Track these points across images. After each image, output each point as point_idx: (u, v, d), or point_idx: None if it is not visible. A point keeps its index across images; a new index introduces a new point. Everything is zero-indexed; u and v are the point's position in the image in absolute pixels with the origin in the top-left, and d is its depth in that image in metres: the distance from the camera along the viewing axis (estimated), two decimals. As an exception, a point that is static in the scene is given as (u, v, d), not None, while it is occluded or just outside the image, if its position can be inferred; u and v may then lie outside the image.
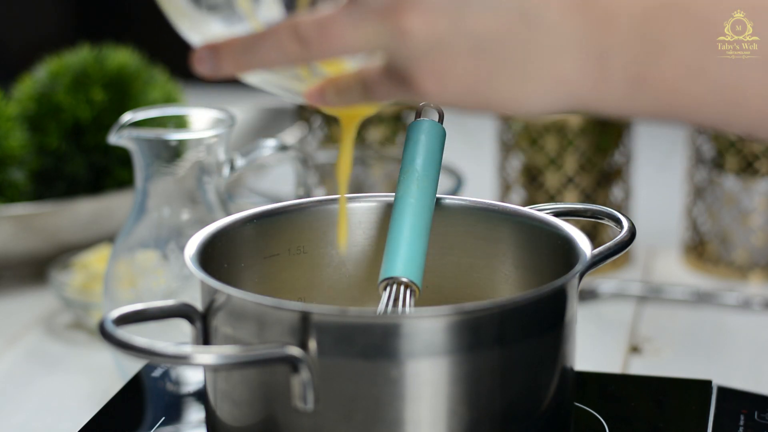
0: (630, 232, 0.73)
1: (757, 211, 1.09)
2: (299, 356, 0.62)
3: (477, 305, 0.64)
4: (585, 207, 0.77)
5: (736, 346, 0.99)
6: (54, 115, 1.16)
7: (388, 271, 0.71)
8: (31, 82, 1.18)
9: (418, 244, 0.71)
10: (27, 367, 0.97)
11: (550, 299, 0.66)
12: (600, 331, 1.02)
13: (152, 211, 0.90)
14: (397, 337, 0.62)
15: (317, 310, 0.63)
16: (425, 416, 0.64)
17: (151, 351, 0.61)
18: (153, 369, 0.83)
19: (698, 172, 1.12)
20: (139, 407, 0.80)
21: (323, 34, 0.57)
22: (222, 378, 0.67)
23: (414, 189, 0.72)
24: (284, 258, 0.76)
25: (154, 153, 0.88)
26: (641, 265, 1.16)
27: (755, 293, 1.07)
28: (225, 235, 0.73)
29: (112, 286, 0.90)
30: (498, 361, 0.64)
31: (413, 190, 0.72)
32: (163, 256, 0.90)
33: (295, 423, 0.64)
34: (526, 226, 0.74)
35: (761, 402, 0.79)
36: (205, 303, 0.68)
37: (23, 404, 0.91)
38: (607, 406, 0.78)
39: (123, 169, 1.17)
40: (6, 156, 1.13)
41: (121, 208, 1.10)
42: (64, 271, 1.06)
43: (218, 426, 0.68)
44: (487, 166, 1.26)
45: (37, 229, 1.09)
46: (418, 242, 0.71)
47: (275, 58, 0.58)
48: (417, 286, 0.71)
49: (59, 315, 1.05)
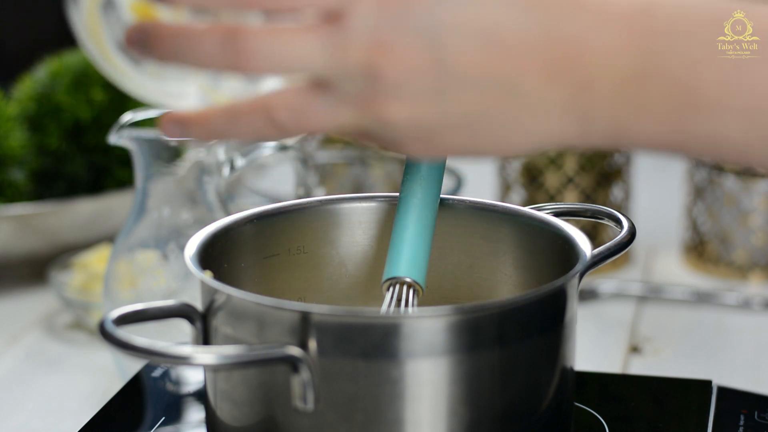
0: (630, 232, 0.73)
1: (757, 211, 1.09)
2: (299, 356, 0.62)
3: (477, 305, 0.64)
4: (585, 207, 0.77)
5: (736, 346, 0.99)
6: (54, 115, 1.16)
7: (391, 270, 0.71)
8: (31, 82, 1.18)
9: (422, 245, 0.71)
10: (27, 367, 0.97)
11: (550, 299, 0.66)
12: (600, 331, 1.02)
13: (152, 211, 0.90)
14: (397, 337, 0.62)
15: (317, 310, 0.63)
16: (425, 416, 0.64)
17: (151, 351, 0.61)
18: (153, 369, 0.83)
19: (698, 172, 1.12)
20: (139, 407, 0.80)
21: (299, 120, 0.56)
22: (222, 378, 0.67)
23: (418, 189, 0.72)
24: (284, 258, 0.76)
25: (154, 153, 0.88)
26: (641, 265, 1.15)
27: (755, 293, 1.07)
28: (225, 235, 0.73)
29: (112, 286, 0.90)
30: (498, 361, 0.64)
31: (417, 190, 0.72)
32: (163, 256, 0.90)
33: (295, 423, 0.64)
34: (526, 226, 0.74)
35: (761, 402, 0.79)
36: (205, 303, 0.68)
37: (23, 404, 0.91)
38: (607, 406, 0.78)
39: (123, 169, 1.17)
40: (6, 156, 1.13)
41: (121, 208, 1.10)
42: (64, 271, 1.06)
43: (218, 426, 0.68)
44: (487, 166, 1.26)
45: (37, 229, 1.09)
46: (421, 242, 0.71)
47: (247, 136, 0.57)
48: (420, 286, 0.71)
49: (59, 315, 1.05)
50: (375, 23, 0.53)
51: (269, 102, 0.56)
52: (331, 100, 0.55)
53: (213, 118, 0.57)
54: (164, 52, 0.55)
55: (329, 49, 0.54)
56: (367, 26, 0.53)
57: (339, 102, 0.55)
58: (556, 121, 0.56)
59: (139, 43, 0.55)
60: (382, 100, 0.54)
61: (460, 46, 0.54)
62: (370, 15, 0.53)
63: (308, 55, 0.54)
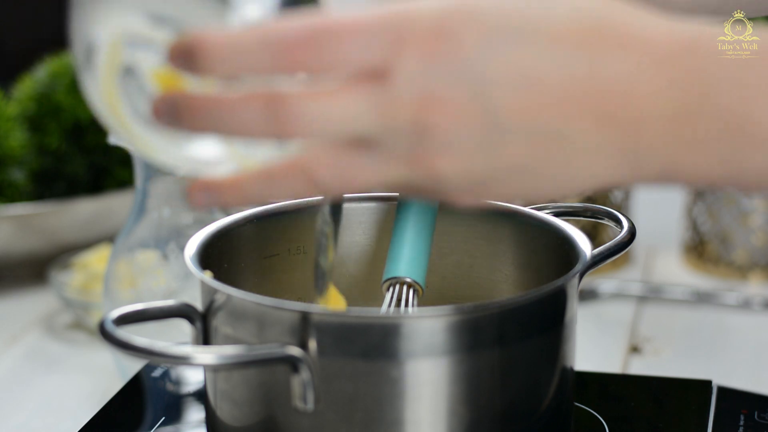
0: (630, 232, 0.73)
1: (757, 211, 1.09)
2: (299, 356, 0.62)
3: (477, 305, 0.64)
4: (585, 207, 0.77)
5: (736, 346, 0.99)
6: (54, 115, 1.16)
7: (391, 270, 0.71)
8: (31, 82, 1.18)
9: (422, 245, 0.71)
10: (27, 367, 0.97)
11: (550, 299, 0.66)
12: (600, 331, 1.02)
13: (152, 211, 0.90)
14: (397, 337, 0.62)
15: (317, 310, 0.63)
16: (425, 416, 0.64)
17: (151, 351, 0.61)
18: (153, 369, 0.83)
19: (698, 172, 1.12)
20: (139, 407, 0.80)
21: (342, 179, 0.53)
22: (222, 378, 0.67)
23: None
24: (284, 258, 0.76)
25: (154, 153, 0.88)
26: (641, 265, 1.15)
27: (755, 293, 1.07)
28: (225, 235, 0.73)
29: (112, 286, 0.90)
30: (498, 361, 0.64)
31: None
32: (163, 256, 0.90)
33: (295, 423, 0.64)
34: (526, 226, 0.74)
35: (761, 402, 0.79)
36: (205, 303, 0.68)
37: (23, 404, 0.91)
38: (607, 406, 0.78)
39: (123, 169, 1.17)
40: (6, 156, 1.13)
41: (121, 208, 1.10)
42: (64, 271, 1.06)
43: (218, 426, 0.68)
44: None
45: (37, 229, 1.09)
46: (421, 242, 0.71)
47: (284, 198, 0.54)
48: (420, 286, 0.71)
49: (59, 315, 1.05)
50: (421, 78, 0.51)
51: (308, 162, 0.53)
52: (377, 157, 0.53)
53: (247, 182, 0.54)
54: (198, 124, 0.52)
55: (376, 109, 0.52)
56: (413, 82, 0.51)
57: (386, 159, 0.53)
58: (604, 162, 0.54)
59: (169, 115, 0.52)
60: (432, 155, 0.52)
61: (507, 97, 0.52)
62: (416, 70, 0.51)
63: (355, 116, 0.52)
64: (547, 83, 0.52)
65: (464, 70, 0.52)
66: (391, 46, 0.51)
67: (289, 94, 0.51)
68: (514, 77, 0.52)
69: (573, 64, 0.53)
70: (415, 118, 0.52)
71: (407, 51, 0.51)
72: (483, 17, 0.52)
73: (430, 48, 0.51)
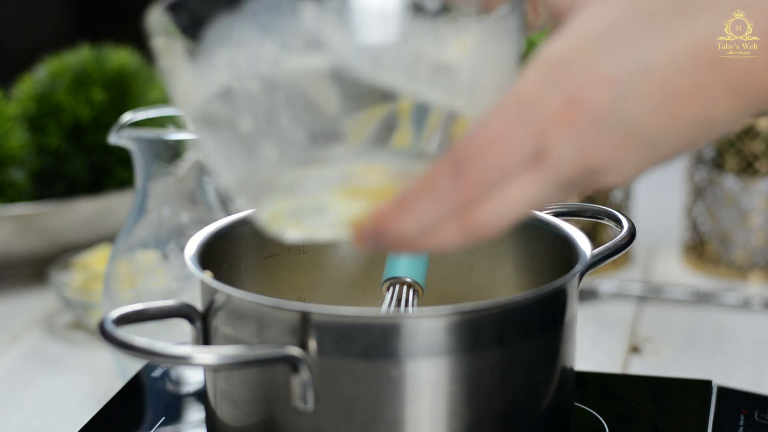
0: (630, 232, 0.73)
1: (757, 211, 1.09)
2: (299, 356, 0.62)
3: (477, 305, 0.64)
4: (585, 207, 0.77)
5: (736, 346, 0.99)
6: (54, 115, 1.16)
7: (391, 270, 0.71)
8: (31, 82, 1.18)
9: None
10: (27, 367, 0.97)
11: (550, 299, 0.66)
12: (600, 331, 1.02)
13: (152, 211, 0.90)
14: (397, 337, 0.62)
15: (317, 310, 0.63)
16: (425, 416, 0.64)
17: (151, 351, 0.61)
18: (153, 369, 0.83)
19: (698, 172, 1.12)
20: (139, 407, 0.80)
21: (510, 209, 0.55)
22: (222, 378, 0.67)
23: None
24: (284, 258, 0.76)
25: (154, 153, 0.88)
26: (641, 265, 1.16)
27: (755, 293, 1.07)
28: (225, 235, 0.73)
29: (112, 286, 0.90)
30: (498, 361, 0.64)
31: None
32: (163, 256, 0.90)
33: (295, 423, 0.64)
34: (526, 226, 0.74)
35: (761, 402, 0.79)
36: (205, 303, 0.68)
37: (23, 404, 0.91)
38: (607, 406, 0.78)
39: (123, 169, 1.17)
40: (6, 156, 1.13)
41: (121, 208, 1.10)
42: (64, 271, 1.06)
43: (218, 426, 0.68)
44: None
45: (37, 229, 1.09)
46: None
47: (444, 249, 0.55)
48: (420, 286, 0.71)
49: (59, 315, 1.05)
50: (575, 143, 0.54)
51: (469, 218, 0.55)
52: (547, 189, 0.56)
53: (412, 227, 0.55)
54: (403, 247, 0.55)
55: (548, 188, 0.55)
56: (570, 151, 0.54)
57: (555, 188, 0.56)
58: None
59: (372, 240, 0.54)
60: (600, 181, 0.55)
61: (651, 121, 0.54)
62: (567, 141, 0.53)
63: (533, 201, 0.55)
64: (681, 91, 0.54)
65: (606, 117, 0.54)
66: (539, 137, 0.53)
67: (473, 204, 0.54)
68: (653, 101, 0.54)
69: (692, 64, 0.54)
70: (582, 173, 0.55)
71: (552, 132, 0.53)
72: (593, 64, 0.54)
73: (568, 117, 0.53)
